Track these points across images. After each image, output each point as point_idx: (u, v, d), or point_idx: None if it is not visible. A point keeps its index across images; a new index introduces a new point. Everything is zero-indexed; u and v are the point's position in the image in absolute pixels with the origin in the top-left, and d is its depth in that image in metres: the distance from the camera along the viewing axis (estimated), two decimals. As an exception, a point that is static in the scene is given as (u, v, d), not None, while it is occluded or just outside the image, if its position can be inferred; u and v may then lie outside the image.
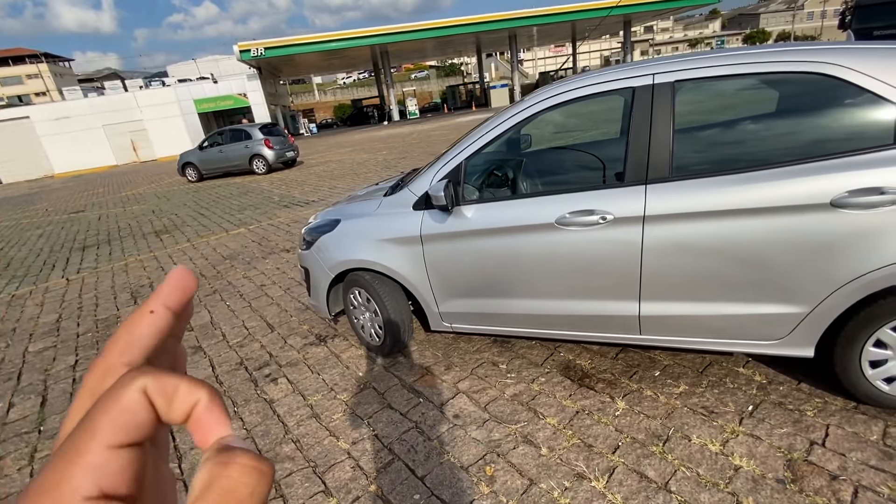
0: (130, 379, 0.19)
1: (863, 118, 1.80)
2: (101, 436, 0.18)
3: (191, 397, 0.20)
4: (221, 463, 0.18)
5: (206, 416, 0.20)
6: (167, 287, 0.23)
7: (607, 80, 2.14)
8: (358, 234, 2.72)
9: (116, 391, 0.19)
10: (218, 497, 0.17)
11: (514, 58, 33.50)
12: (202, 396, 0.20)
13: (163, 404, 0.19)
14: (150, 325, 0.22)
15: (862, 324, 1.87)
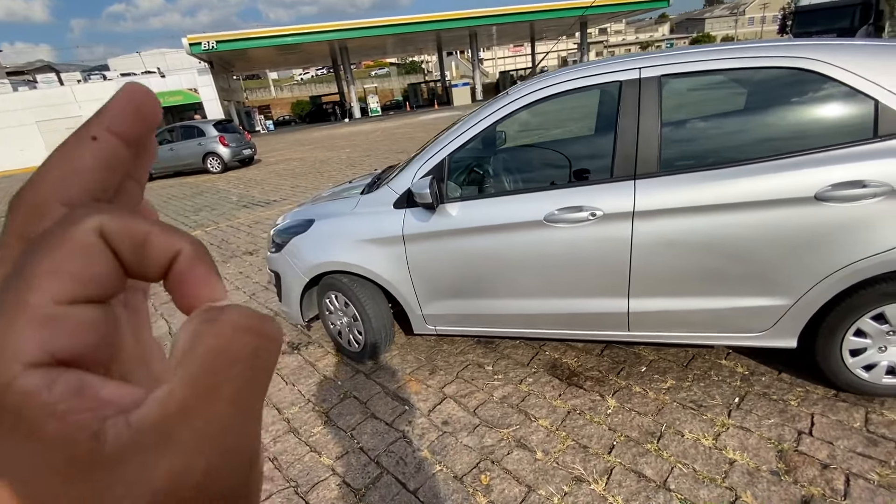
0: (80, 216, 0.14)
1: (843, 112, 1.84)
2: (47, 286, 0.13)
3: (168, 246, 0.15)
4: (208, 320, 0.14)
5: (190, 270, 0.16)
6: (115, 106, 0.16)
7: (594, 74, 2.10)
8: (334, 235, 2.56)
9: (61, 230, 0.14)
10: (205, 358, 0.13)
11: (475, 56, 33.66)
12: (184, 246, 0.16)
13: (129, 252, 0.15)
14: (94, 155, 0.16)
15: (843, 314, 1.92)
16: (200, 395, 0.13)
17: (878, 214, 1.75)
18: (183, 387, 0.13)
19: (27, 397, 0.12)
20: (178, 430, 0.13)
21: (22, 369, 0.12)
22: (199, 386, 0.13)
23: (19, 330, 0.13)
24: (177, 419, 0.13)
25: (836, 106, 1.86)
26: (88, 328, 0.14)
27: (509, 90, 2.41)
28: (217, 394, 0.13)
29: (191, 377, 0.13)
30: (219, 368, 0.14)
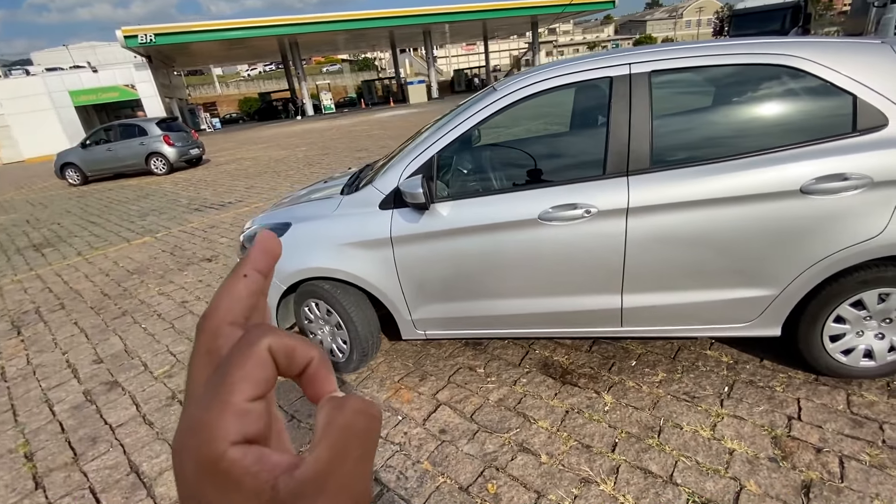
0: (256, 338, 0.21)
1: (824, 108, 1.91)
2: (240, 390, 0.19)
3: (305, 356, 0.22)
4: (337, 407, 0.21)
5: (318, 373, 0.23)
6: (256, 252, 0.25)
7: (585, 70, 2.08)
8: (315, 239, 2.41)
9: (247, 349, 0.20)
10: (338, 433, 0.20)
11: (430, 54, 33.54)
12: (315, 356, 0.23)
13: (284, 361, 0.21)
14: (246, 288, 0.23)
15: (824, 302, 2.00)
16: (337, 458, 0.19)
17: (858, 206, 1.83)
18: (326, 452, 0.19)
19: (233, 464, 0.18)
20: (326, 481, 0.19)
21: (229, 446, 0.18)
22: (336, 451, 0.20)
23: (226, 420, 0.19)
24: (325, 474, 0.19)
25: (817, 101, 1.93)
26: (261, 416, 0.20)
27: (495, 85, 2.35)
28: (347, 456, 0.20)
29: (330, 446, 0.20)
30: (347, 439, 0.20)
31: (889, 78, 1.83)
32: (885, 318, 2.00)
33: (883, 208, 1.83)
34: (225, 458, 0.18)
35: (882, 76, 1.83)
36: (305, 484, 0.18)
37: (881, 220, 1.83)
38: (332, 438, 0.20)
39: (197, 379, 0.21)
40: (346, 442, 0.20)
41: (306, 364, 0.22)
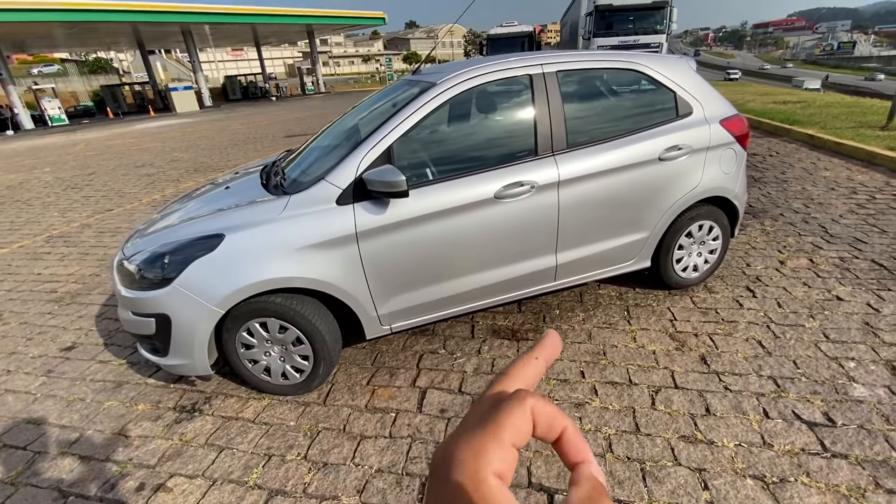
0: (525, 396, 0.26)
1: (662, 100, 2.74)
2: (508, 433, 0.24)
3: (562, 423, 0.26)
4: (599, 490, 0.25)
5: (574, 440, 0.27)
6: (548, 345, 0.32)
7: (509, 68, 2.44)
8: (263, 248, 2.10)
9: (518, 402, 0.26)
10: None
11: (195, 58, 29.48)
12: (568, 425, 0.27)
13: (544, 423, 0.26)
14: (533, 369, 0.30)
15: (672, 236, 2.87)
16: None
17: (686, 166, 2.72)
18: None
19: (491, 490, 0.22)
20: None
21: (491, 473, 0.23)
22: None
23: (492, 452, 0.23)
24: None
25: (658, 96, 2.75)
26: (514, 462, 0.24)
27: (419, 78, 2.50)
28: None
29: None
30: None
31: (689, 80, 2.76)
32: (701, 242, 3.01)
33: (698, 167, 2.76)
34: (486, 482, 0.22)
35: (685, 79, 2.75)
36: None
37: (698, 174, 2.77)
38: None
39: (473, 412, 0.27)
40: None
41: (561, 430, 0.26)
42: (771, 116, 8.73)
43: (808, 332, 2.58)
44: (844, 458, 1.80)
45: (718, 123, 2.78)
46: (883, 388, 2.14)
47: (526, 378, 0.29)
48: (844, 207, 4.39)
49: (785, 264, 3.37)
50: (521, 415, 0.25)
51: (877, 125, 7.20)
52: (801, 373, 2.28)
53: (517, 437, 0.24)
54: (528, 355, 0.30)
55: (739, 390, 2.19)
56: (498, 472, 0.23)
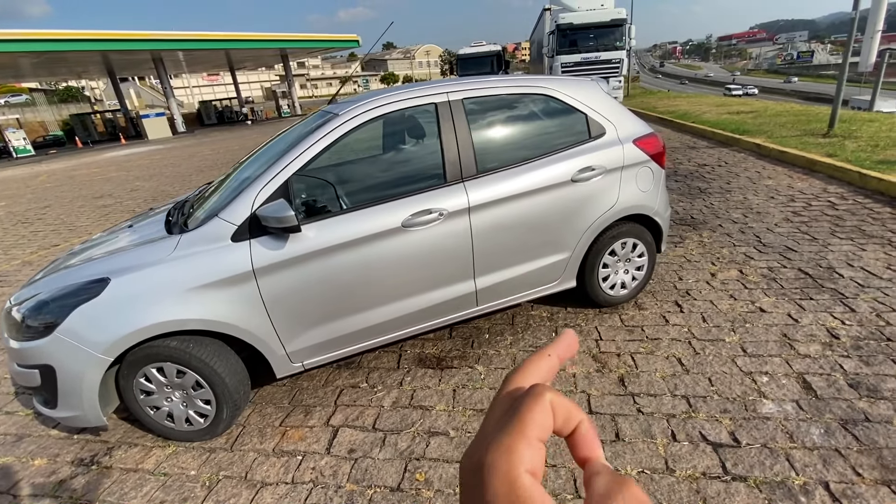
0: (543, 391, 0.26)
1: (573, 122, 2.76)
2: (533, 430, 0.24)
3: (578, 417, 0.26)
4: (619, 482, 0.23)
5: (588, 434, 0.26)
6: (563, 343, 0.32)
7: (413, 97, 2.44)
8: (152, 290, 2.02)
9: (536, 397, 0.25)
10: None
11: (167, 84, 29.28)
12: (584, 419, 0.26)
13: (561, 417, 0.25)
14: (548, 365, 0.30)
15: (596, 255, 2.87)
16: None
17: (602, 186, 2.74)
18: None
19: (524, 488, 0.22)
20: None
21: (523, 471, 0.22)
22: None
23: (522, 449, 0.23)
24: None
25: (568, 118, 2.77)
26: (543, 457, 0.24)
27: (334, 110, 2.48)
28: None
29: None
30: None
31: (600, 102, 2.80)
32: (627, 259, 3.02)
33: (614, 186, 2.78)
34: (520, 481, 0.22)
35: (596, 101, 2.79)
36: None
37: (614, 194, 2.79)
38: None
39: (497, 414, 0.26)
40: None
41: (576, 424, 0.26)
42: (723, 127, 8.99)
43: (727, 347, 2.58)
44: (743, 480, 1.78)
45: (632, 143, 2.81)
46: (791, 402, 2.13)
47: (540, 374, 0.29)
48: (781, 216, 4.49)
49: (716, 277, 3.40)
50: (542, 409, 0.25)
51: (819, 133, 7.46)
52: (714, 390, 2.26)
53: (541, 432, 0.24)
54: (542, 352, 0.30)
55: (651, 412, 2.17)
56: (530, 470, 0.22)
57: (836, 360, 2.38)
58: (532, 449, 0.23)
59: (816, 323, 2.71)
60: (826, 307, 2.85)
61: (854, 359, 2.37)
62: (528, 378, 0.28)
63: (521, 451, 0.23)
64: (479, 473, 0.23)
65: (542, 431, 0.24)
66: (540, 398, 0.25)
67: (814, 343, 2.53)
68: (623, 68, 15.02)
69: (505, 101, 2.68)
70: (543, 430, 0.24)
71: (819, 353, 2.44)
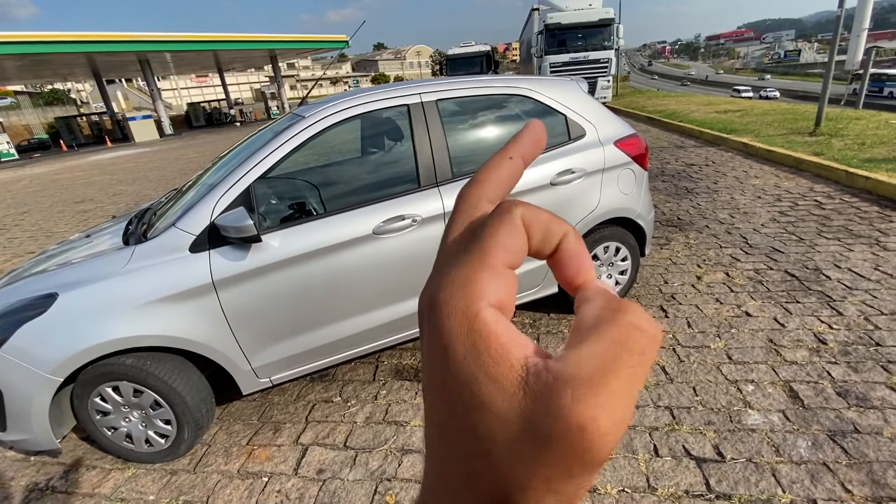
0: (510, 207, 0.20)
1: (552, 124, 2.67)
2: (496, 253, 0.19)
3: (559, 230, 0.20)
4: (612, 310, 0.17)
5: (576, 251, 0.20)
6: (525, 139, 0.24)
7: (384, 98, 2.33)
8: (104, 306, 1.90)
9: (502, 216, 0.20)
10: (609, 344, 0.16)
11: (154, 86, 28.91)
12: (569, 231, 0.20)
13: (537, 233, 0.20)
14: (509, 170, 0.23)
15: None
16: (604, 372, 0.16)
17: (582, 189, 2.65)
18: (591, 360, 0.16)
19: (486, 325, 0.17)
20: (590, 392, 0.15)
21: (485, 305, 0.18)
22: (604, 364, 0.16)
23: (484, 280, 0.18)
24: (585, 383, 0.15)
25: (547, 119, 2.68)
26: (512, 287, 0.19)
27: (301, 112, 2.37)
28: (616, 374, 0.16)
29: (598, 355, 0.16)
30: (619, 355, 0.16)
31: (580, 103, 2.71)
32: (610, 263, 2.93)
33: (594, 189, 2.69)
34: (479, 315, 0.17)
35: (576, 102, 2.70)
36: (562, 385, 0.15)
37: (595, 197, 2.70)
38: (602, 348, 0.16)
39: (452, 241, 0.21)
40: (618, 358, 0.16)
41: (559, 239, 0.20)
42: (710, 126, 8.98)
43: (712, 354, 2.50)
44: (727, 499, 1.69)
45: (613, 144, 2.73)
46: (777, 413, 2.05)
47: (501, 182, 0.22)
48: (767, 216, 4.43)
49: (702, 280, 3.33)
50: (511, 229, 0.19)
51: (805, 131, 7.45)
52: (698, 400, 2.18)
53: (510, 256, 0.19)
54: (503, 153, 0.23)
55: (634, 425, 2.08)
56: (495, 304, 0.18)
57: (824, 366, 2.31)
58: (497, 278, 0.18)
59: (803, 327, 2.64)
60: (813, 311, 2.79)
61: (842, 365, 2.30)
62: (486, 189, 0.22)
63: (483, 281, 0.18)
64: (435, 313, 0.18)
65: (510, 256, 0.19)
66: (507, 215, 0.19)
67: (800, 349, 2.46)
68: (612, 68, 15.01)
69: (481, 102, 2.59)
70: (512, 253, 0.19)
71: (806, 360, 2.37)
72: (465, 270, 0.18)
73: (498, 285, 0.18)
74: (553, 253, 0.20)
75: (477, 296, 0.18)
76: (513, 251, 0.19)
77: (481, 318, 0.17)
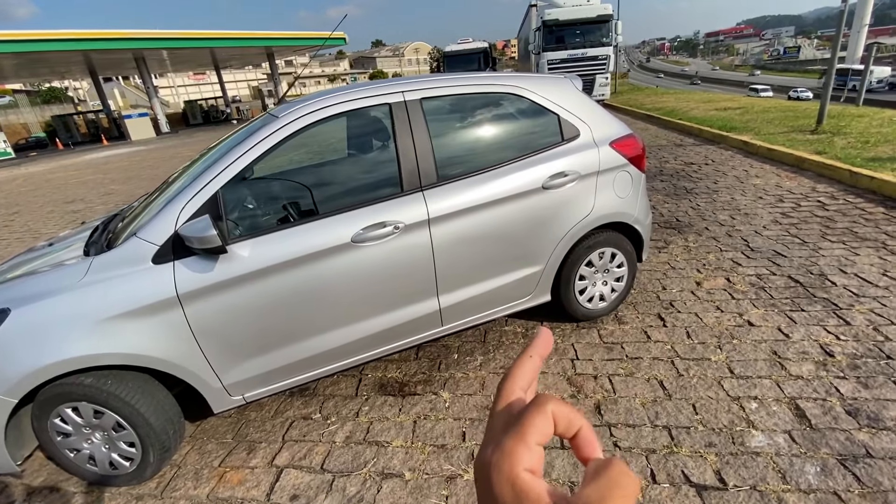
0: (545, 401, 0.29)
1: (543, 124, 2.53)
2: (532, 434, 0.27)
3: (578, 423, 0.29)
4: (606, 465, 0.26)
5: (587, 437, 0.29)
6: (540, 343, 0.34)
7: (365, 97, 2.19)
8: (59, 322, 1.76)
9: (539, 407, 0.28)
10: (605, 482, 0.25)
11: (149, 84, 28.69)
12: (584, 425, 0.29)
13: (563, 423, 0.28)
14: (530, 366, 0.33)
15: (571, 266, 2.65)
16: (602, 500, 0.24)
17: (576, 193, 2.51)
18: (594, 493, 0.24)
19: (524, 483, 0.25)
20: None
21: (522, 469, 0.26)
22: (602, 495, 0.24)
23: (522, 452, 0.26)
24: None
25: (538, 120, 2.54)
26: (541, 458, 0.27)
27: (274, 112, 2.23)
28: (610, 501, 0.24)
29: (599, 490, 0.25)
30: (611, 489, 0.25)
31: (573, 101, 2.57)
32: (605, 270, 2.80)
33: (589, 193, 2.56)
34: (520, 477, 0.26)
35: (570, 100, 2.56)
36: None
37: (590, 201, 2.56)
38: (600, 486, 0.25)
39: (497, 421, 0.30)
40: (611, 492, 0.24)
41: (578, 429, 0.29)
42: (710, 124, 8.83)
43: (712, 367, 2.37)
44: (730, 532, 1.57)
45: (609, 146, 2.59)
46: (783, 434, 1.92)
47: (526, 377, 0.32)
48: (769, 217, 4.30)
49: (701, 286, 3.19)
50: (543, 418, 0.28)
51: (807, 129, 7.31)
52: (698, 419, 2.05)
53: (541, 437, 0.27)
54: (524, 354, 0.33)
55: (630, 447, 1.95)
56: (528, 469, 0.26)
57: (832, 381, 2.18)
58: (531, 452, 0.27)
59: (809, 338, 2.51)
60: (819, 320, 2.66)
61: (851, 380, 2.17)
62: (518, 382, 0.32)
63: (520, 453, 0.26)
64: (487, 472, 0.27)
65: (541, 437, 0.27)
66: (542, 407, 0.28)
67: (806, 362, 2.33)
68: (610, 65, 14.84)
69: (468, 101, 2.44)
70: (543, 435, 0.27)
71: (812, 374, 2.24)
72: (510, 443, 0.27)
73: (531, 455, 0.27)
74: (574, 437, 0.29)
75: (516, 462, 0.26)
76: (543, 434, 0.28)
77: (521, 478, 0.26)
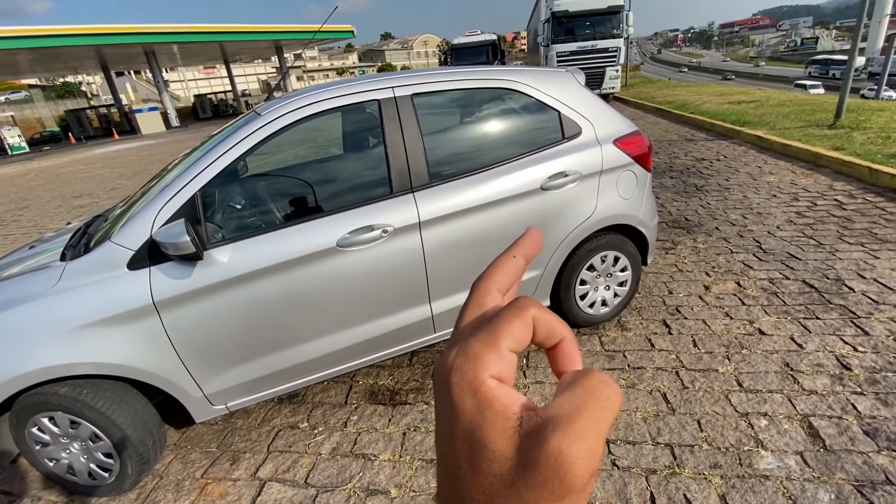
0: (526, 305, 0.25)
1: (543, 121, 2.40)
2: (505, 339, 0.23)
3: (560, 333, 0.26)
4: (583, 373, 0.23)
5: (570, 349, 0.26)
6: (526, 241, 0.30)
7: (352, 93, 2.08)
8: (31, 330, 1.70)
9: (519, 311, 0.25)
10: (581, 392, 0.22)
11: (159, 78, 28.84)
12: (567, 335, 0.26)
13: (543, 332, 0.25)
14: (513, 267, 0.29)
15: (572, 270, 2.53)
16: (577, 411, 0.21)
17: (577, 194, 2.38)
18: (567, 403, 0.21)
19: (489, 389, 0.22)
20: (565, 424, 0.20)
21: (488, 376, 0.22)
22: (577, 406, 0.21)
23: (490, 357, 0.23)
24: (565, 419, 0.20)
25: (537, 117, 2.41)
26: (512, 366, 0.24)
27: (258, 110, 2.13)
28: (587, 413, 0.21)
29: (573, 400, 0.21)
30: (587, 400, 0.21)
31: (575, 97, 2.44)
32: (608, 274, 2.67)
33: (591, 194, 2.43)
34: (484, 383, 0.22)
35: (571, 96, 2.43)
36: (546, 423, 0.20)
37: (592, 202, 2.44)
38: (575, 396, 0.21)
39: (466, 321, 0.26)
40: (587, 402, 0.21)
41: (559, 341, 0.25)
42: (723, 118, 8.56)
43: (720, 380, 2.24)
44: (734, 565, 1.45)
45: (612, 144, 2.45)
46: (794, 455, 1.80)
47: (507, 277, 0.28)
48: (783, 217, 4.12)
49: (710, 290, 3.05)
50: (521, 323, 0.24)
51: (824, 124, 7.04)
52: (703, 437, 1.93)
53: (515, 343, 0.24)
54: (507, 253, 0.29)
55: (629, 466, 1.84)
56: (495, 376, 0.23)
57: (848, 397, 2.04)
58: (502, 358, 0.23)
59: (824, 349, 2.36)
60: (835, 329, 2.51)
61: (869, 396, 2.03)
62: (496, 282, 0.28)
63: (489, 357, 0.23)
64: (445, 377, 0.23)
65: (516, 343, 0.24)
66: (522, 311, 0.25)
67: (821, 375, 2.19)
68: (620, 57, 14.52)
69: (463, 96, 2.33)
70: (518, 342, 0.24)
71: (827, 389, 2.10)
72: (478, 346, 0.23)
73: (501, 363, 0.23)
74: (553, 347, 0.26)
75: (482, 367, 0.22)
76: (518, 340, 0.24)
77: (486, 384, 0.22)
